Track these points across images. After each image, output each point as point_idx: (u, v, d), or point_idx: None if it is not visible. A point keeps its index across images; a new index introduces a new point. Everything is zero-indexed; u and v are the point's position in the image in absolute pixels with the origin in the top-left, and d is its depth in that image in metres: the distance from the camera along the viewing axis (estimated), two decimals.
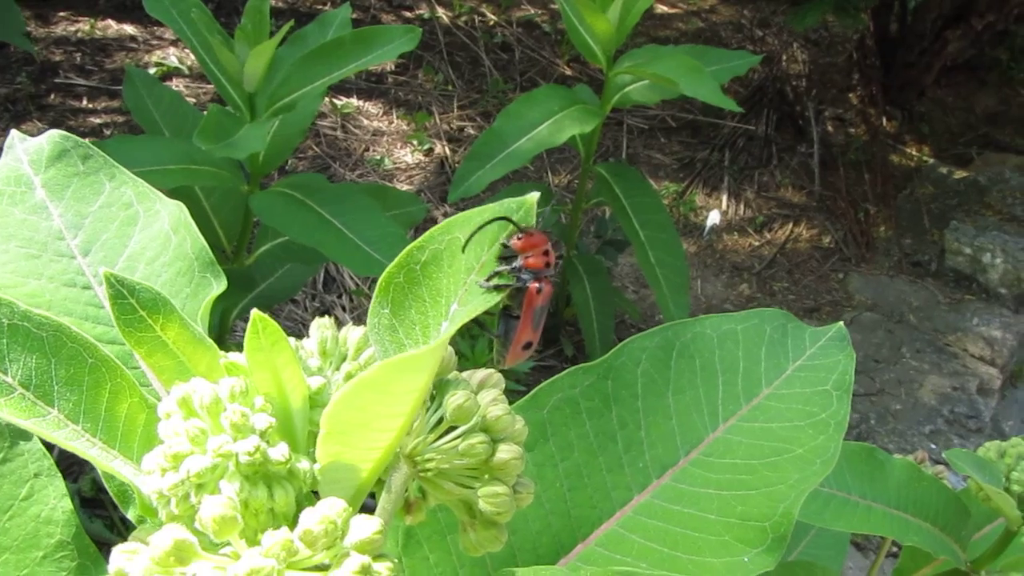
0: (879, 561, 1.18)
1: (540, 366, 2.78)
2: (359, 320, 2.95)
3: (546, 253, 0.43)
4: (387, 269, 0.40)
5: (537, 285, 0.44)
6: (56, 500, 0.51)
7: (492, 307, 0.41)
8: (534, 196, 0.40)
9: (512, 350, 0.47)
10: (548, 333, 2.78)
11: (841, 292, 3.37)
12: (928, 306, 3.33)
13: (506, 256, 0.41)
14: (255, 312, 0.35)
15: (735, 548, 0.55)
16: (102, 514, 2.03)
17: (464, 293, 0.40)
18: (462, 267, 0.40)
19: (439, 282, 0.40)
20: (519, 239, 0.42)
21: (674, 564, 0.55)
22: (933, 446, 2.77)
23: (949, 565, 0.98)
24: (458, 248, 0.40)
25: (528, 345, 0.47)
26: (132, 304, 0.38)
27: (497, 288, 0.40)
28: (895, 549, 2.21)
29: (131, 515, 0.43)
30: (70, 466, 2.07)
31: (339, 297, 2.90)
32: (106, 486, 0.44)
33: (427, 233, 0.40)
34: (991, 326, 3.23)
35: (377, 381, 0.33)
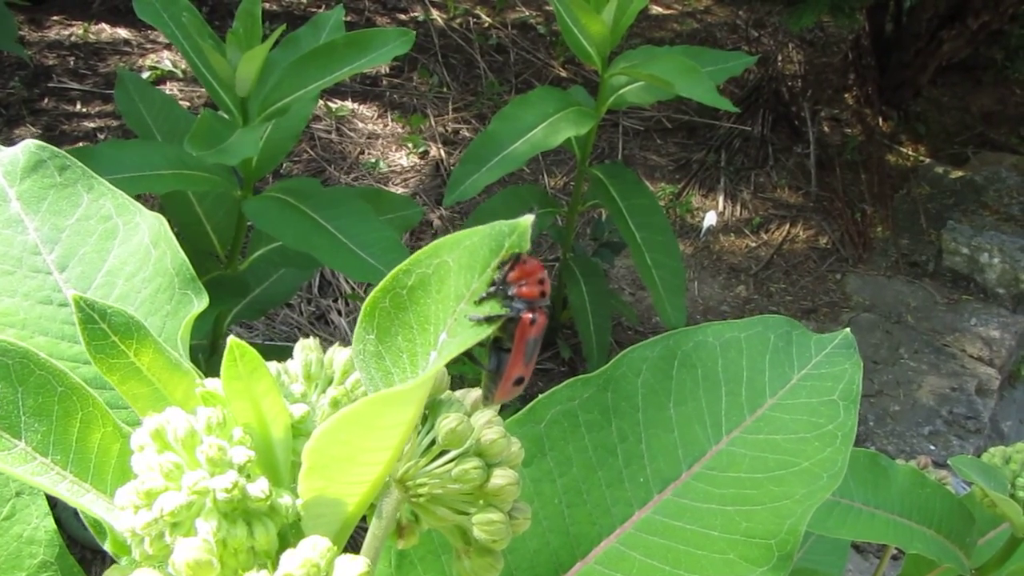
0: (882, 567, 1.16)
1: (536, 369, 2.76)
2: (354, 324, 2.93)
3: (541, 282, 0.40)
4: (372, 293, 0.38)
5: (530, 316, 0.41)
6: (39, 519, 0.49)
7: (483, 338, 0.39)
8: (528, 219, 0.38)
9: (502, 386, 0.44)
10: (545, 336, 2.76)
11: (839, 293, 3.36)
12: (926, 306, 3.32)
13: (498, 284, 0.39)
14: (232, 339, 0.33)
15: (740, 566, 0.53)
16: None
17: (453, 323, 0.38)
18: (451, 294, 0.38)
19: (427, 308, 0.38)
20: (513, 267, 0.39)
21: None
22: (932, 447, 2.76)
23: (953, 572, 0.97)
24: (447, 273, 0.38)
25: (520, 380, 0.44)
26: (103, 329, 0.36)
27: (489, 320, 0.38)
28: (894, 550, 2.20)
29: (107, 547, 0.41)
30: None
31: (335, 301, 2.89)
32: (82, 518, 0.42)
33: (413, 256, 0.38)
34: (989, 326, 3.22)
35: (362, 416, 0.31)
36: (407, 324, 0.38)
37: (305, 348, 0.41)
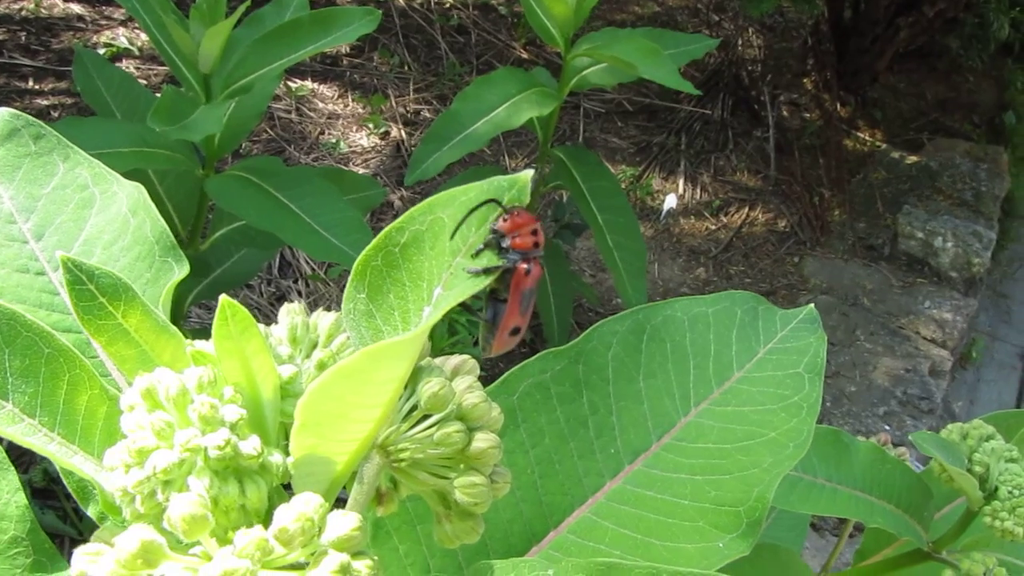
0: (841, 544, 1.18)
1: None
2: (314, 305, 2.91)
3: (535, 232, 0.41)
4: (364, 252, 0.38)
5: (525, 266, 0.42)
6: (9, 495, 0.48)
7: (478, 291, 0.39)
8: (528, 174, 0.39)
9: (499, 336, 0.45)
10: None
11: (796, 276, 3.40)
12: (882, 289, 3.37)
13: (493, 236, 0.40)
14: (224, 298, 0.33)
15: (709, 534, 0.54)
16: (54, 505, 1.99)
17: (449, 276, 0.38)
18: (446, 249, 0.38)
19: (420, 265, 0.38)
20: (506, 219, 0.40)
21: (648, 551, 0.54)
22: (887, 427, 2.81)
23: (911, 546, 0.99)
24: (441, 229, 0.38)
25: (516, 330, 0.45)
26: (91, 290, 0.36)
27: (486, 271, 0.39)
28: (852, 529, 2.23)
29: (91, 512, 0.41)
30: (20, 456, 2.02)
31: (295, 282, 2.87)
32: (64, 482, 0.41)
33: (407, 213, 0.38)
34: (942, 309, 3.28)
35: (356, 370, 0.31)
36: (399, 281, 0.38)
37: (291, 312, 0.41)
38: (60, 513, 1.98)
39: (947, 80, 4.60)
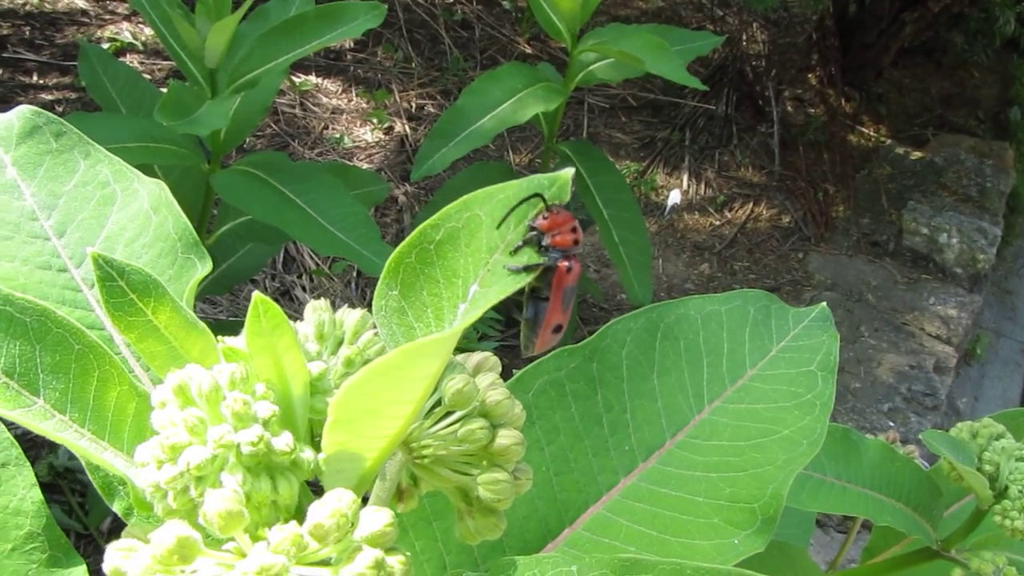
0: (849, 542, 1.19)
1: (503, 346, 2.77)
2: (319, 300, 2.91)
3: (574, 231, 0.42)
4: (398, 248, 0.38)
5: (567, 264, 0.43)
6: (25, 490, 0.49)
7: (519, 288, 0.39)
8: (568, 172, 0.39)
9: (542, 334, 0.45)
10: (509, 313, 2.77)
11: (801, 271, 3.40)
12: (886, 285, 3.36)
13: (533, 234, 0.40)
14: (257, 295, 0.33)
15: (724, 530, 0.54)
16: (60, 499, 1.99)
17: (486, 274, 0.38)
18: (483, 247, 0.38)
19: (455, 263, 0.38)
20: (545, 217, 0.40)
21: (663, 547, 0.54)
22: (891, 424, 2.81)
23: (919, 544, 0.99)
24: (478, 227, 0.38)
25: (559, 328, 0.46)
26: (122, 287, 0.36)
27: (527, 269, 0.39)
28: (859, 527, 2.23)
29: (117, 507, 0.41)
30: (26, 451, 2.02)
31: (299, 277, 2.87)
32: (90, 478, 0.41)
33: (443, 210, 0.38)
34: (947, 305, 3.28)
35: (392, 367, 0.31)
36: (433, 279, 0.38)
37: (317, 308, 0.41)
38: (66, 507, 1.99)
39: (952, 75, 4.60)
